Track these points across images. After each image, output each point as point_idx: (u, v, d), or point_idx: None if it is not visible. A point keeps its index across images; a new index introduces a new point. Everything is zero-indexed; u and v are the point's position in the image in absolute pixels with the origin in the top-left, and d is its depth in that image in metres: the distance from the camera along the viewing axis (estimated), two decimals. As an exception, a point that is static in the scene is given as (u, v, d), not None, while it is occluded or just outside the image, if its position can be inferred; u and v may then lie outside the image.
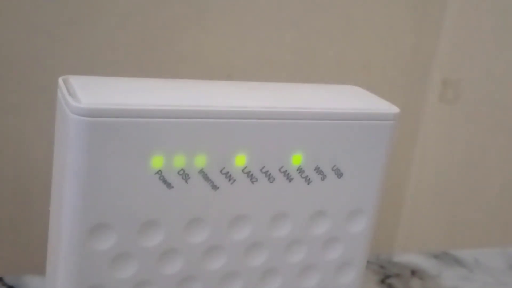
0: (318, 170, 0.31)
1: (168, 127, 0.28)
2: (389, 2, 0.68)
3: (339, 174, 0.32)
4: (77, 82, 0.30)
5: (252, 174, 0.30)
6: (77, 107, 0.27)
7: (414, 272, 0.53)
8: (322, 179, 0.32)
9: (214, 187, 0.30)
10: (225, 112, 0.29)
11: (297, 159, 0.31)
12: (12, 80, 0.56)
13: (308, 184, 0.32)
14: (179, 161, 0.29)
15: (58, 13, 0.56)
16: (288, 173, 0.31)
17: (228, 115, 0.29)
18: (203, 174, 0.29)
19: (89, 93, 0.28)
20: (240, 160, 0.30)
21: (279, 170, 0.31)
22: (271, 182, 0.31)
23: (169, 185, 0.29)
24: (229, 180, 0.30)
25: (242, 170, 0.30)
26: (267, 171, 0.30)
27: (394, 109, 0.33)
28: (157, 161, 0.28)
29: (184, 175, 0.29)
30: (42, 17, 0.55)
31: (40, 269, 0.37)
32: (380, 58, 0.70)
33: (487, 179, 0.73)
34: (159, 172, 0.28)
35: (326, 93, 0.34)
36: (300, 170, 0.31)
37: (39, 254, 0.37)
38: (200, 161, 0.29)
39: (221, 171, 0.30)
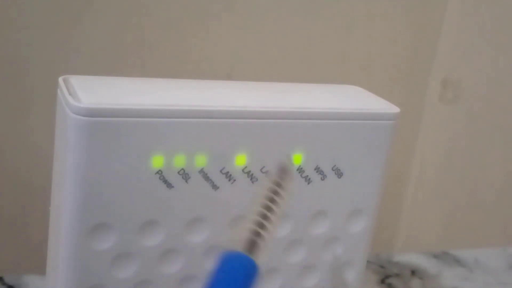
0: (318, 170, 0.31)
1: (168, 127, 0.28)
2: (389, 2, 0.68)
3: (339, 174, 0.32)
4: (77, 82, 0.30)
5: (252, 174, 0.30)
6: (78, 106, 0.27)
7: (414, 272, 0.53)
8: (322, 179, 0.32)
9: (214, 187, 0.30)
10: (225, 112, 0.29)
11: (297, 159, 0.31)
12: (12, 80, 0.56)
13: (308, 184, 0.32)
14: (179, 161, 0.29)
15: (58, 13, 0.56)
16: (288, 173, 0.31)
17: (228, 115, 0.29)
18: (203, 174, 0.29)
19: (89, 92, 0.28)
20: (240, 160, 0.30)
21: (279, 170, 0.31)
22: (271, 182, 0.31)
23: (169, 185, 0.29)
24: (229, 180, 0.30)
25: (242, 170, 0.30)
26: (267, 171, 0.30)
27: (394, 109, 0.33)
28: (157, 161, 0.28)
29: (184, 175, 0.29)
30: (42, 17, 0.55)
31: (40, 269, 0.37)
32: (380, 58, 0.70)
33: (487, 179, 0.73)
34: (159, 172, 0.28)
35: (326, 93, 0.34)
36: (300, 170, 0.31)
37: (39, 254, 0.37)
38: (200, 161, 0.29)
39: (221, 171, 0.30)
